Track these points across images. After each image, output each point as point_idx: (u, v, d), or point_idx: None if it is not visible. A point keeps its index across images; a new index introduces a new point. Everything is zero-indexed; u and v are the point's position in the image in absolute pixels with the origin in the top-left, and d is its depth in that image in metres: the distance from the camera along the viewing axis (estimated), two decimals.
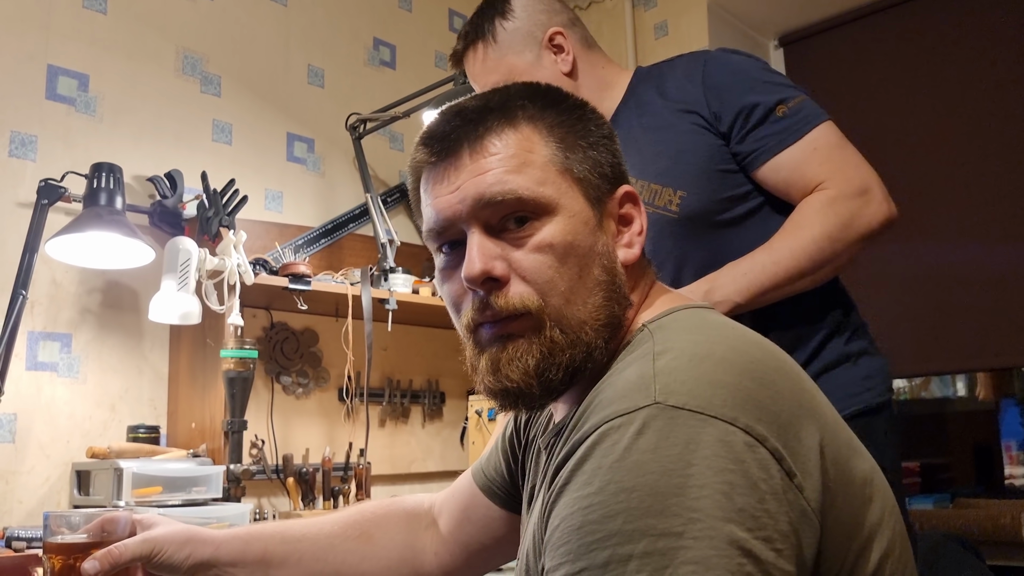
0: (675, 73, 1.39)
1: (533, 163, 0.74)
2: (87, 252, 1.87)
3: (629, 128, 1.42)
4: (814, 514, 0.61)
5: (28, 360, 1.88)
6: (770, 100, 1.30)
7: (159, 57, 2.21)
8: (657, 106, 1.39)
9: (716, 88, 1.33)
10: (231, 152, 2.32)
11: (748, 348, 0.69)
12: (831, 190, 1.25)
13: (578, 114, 0.79)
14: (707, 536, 0.57)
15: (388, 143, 2.73)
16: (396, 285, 2.31)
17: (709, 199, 1.34)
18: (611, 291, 0.74)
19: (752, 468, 0.59)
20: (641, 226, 0.79)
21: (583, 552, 0.59)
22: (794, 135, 1.28)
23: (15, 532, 1.60)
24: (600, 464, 0.61)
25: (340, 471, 2.23)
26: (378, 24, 2.77)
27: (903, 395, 3.18)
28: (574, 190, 0.75)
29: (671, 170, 1.35)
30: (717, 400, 0.61)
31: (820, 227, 1.23)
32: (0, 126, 1.91)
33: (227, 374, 1.91)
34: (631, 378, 0.65)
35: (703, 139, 1.34)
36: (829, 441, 0.65)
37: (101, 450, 1.80)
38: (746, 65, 1.35)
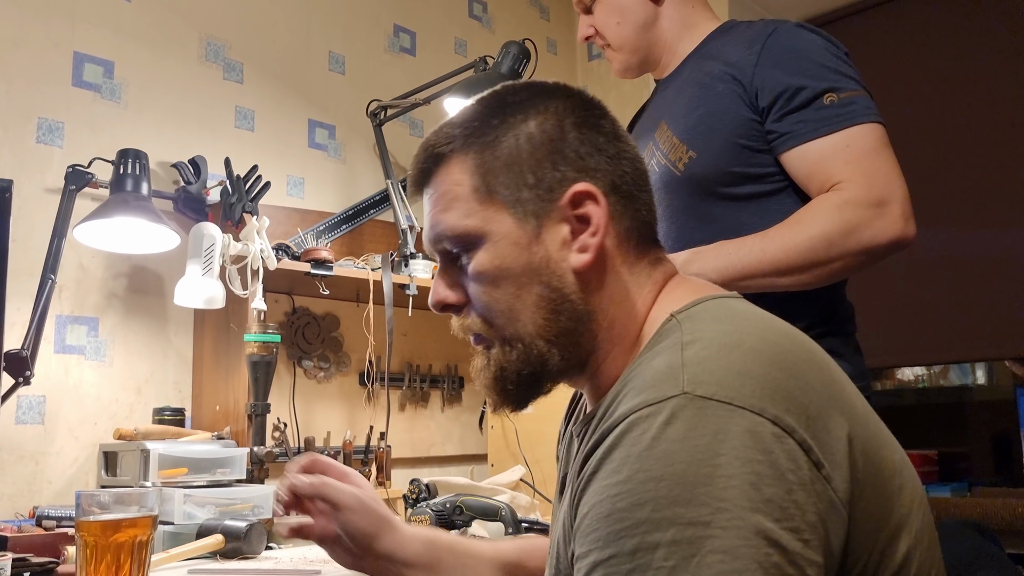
0: (744, 36, 1.35)
1: (459, 196, 0.77)
2: (114, 237, 1.90)
3: (684, 81, 1.41)
4: (842, 505, 0.62)
5: (56, 343, 1.91)
6: (819, 86, 1.24)
7: (183, 44, 2.23)
8: (711, 66, 1.36)
9: (769, 62, 1.28)
10: (253, 138, 2.34)
11: (778, 338, 0.69)
12: (846, 192, 1.19)
13: (501, 131, 0.77)
14: (734, 526, 0.57)
15: (408, 130, 2.74)
16: (416, 271, 2.32)
17: (717, 168, 1.30)
18: (557, 304, 0.75)
19: (780, 459, 0.60)
20: (596, 226, 0.75)
21: (612, 539, 0.60)
22: (831, 126, 1.22)
23: (45, 511, 1.64)
24: (629, 453, 0.62)
25: (361, 454, 2.26)
26: (398, 11, 2.78)
27: (922, 383, 3.17)
28: (500, 214, 0.76)
29: (693, 129, 1.33)
30: (746, 391, 0.62)
31: (821, 227, 1.18)
32: (28, 113, 1.93)
33: (250, 358, 1.93)
34: (660, 368, 0.66)
35: (736, 109, 1.29)
36: (858, 432, 0.66)
37: (128, 432, 1.84)
38: (811, 45, 1.28)
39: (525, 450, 2.23)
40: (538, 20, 3.28)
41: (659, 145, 1.39)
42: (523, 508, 1.99)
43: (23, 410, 1.85)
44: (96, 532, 1.08)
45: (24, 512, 1.76)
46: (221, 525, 1.54)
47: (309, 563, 1.46)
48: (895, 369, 3.13)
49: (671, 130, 1.37)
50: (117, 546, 1.08)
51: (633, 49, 1.47)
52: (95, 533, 1.08)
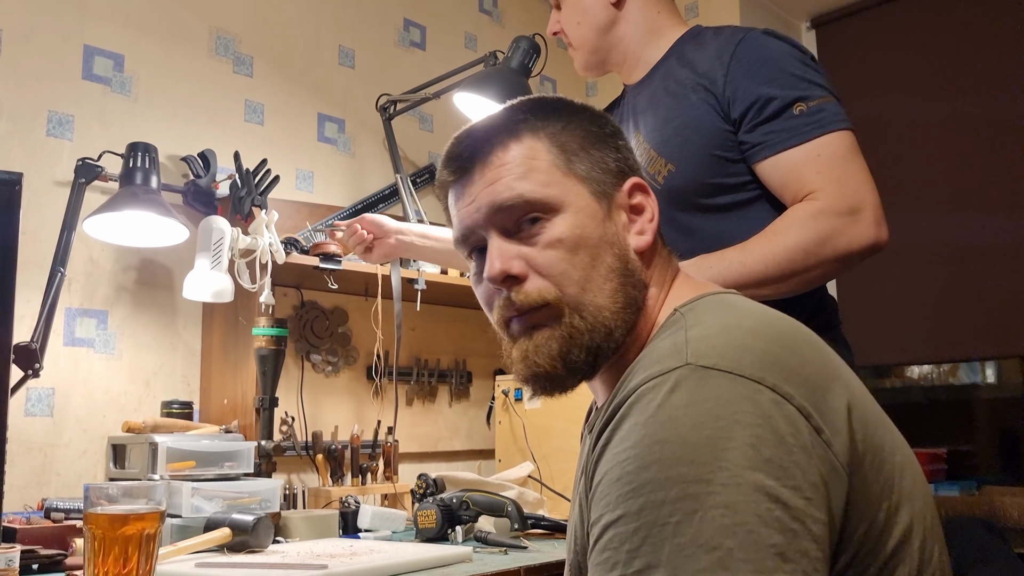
0: (712, 44, 1.37)
1: (537, 168, 0.81)
2: (123, 230, 1.91)
3: (657, 90, 1.43)
4: (843, 468, 0.65)
5: (66, 336, 1.92)
6: (789, 95, 1.26)
7: (193, 37, 2.23)
8: (683, 75, 1.38)
9: (739, 72, 1.30)
10: (263, 132, 2.34)
11: (776, 321, 0.74)
12: (819, 202, 1.21)
13: (578, 118, 0.85)
14: (735, 483, 0.60)
15: (418, 124, 2.74)
16: (425, 265, 2.32)
17: (695, 180, 1.33)
18: (625, 276, 0.80)
19: (779, 423, 0.63)
20: (652, 214, 0.84)
21: (621, 501, 0.64)
22: (802, 136, 1.24)
23: (54, 503, 1.64)
24: (636, 421, 0.66)
25: (368, 448, 2.26)
26: (408, 5, 2.78)
27: (931, 381, 3.16)
28: (579, 188, 0.81)
29: (670, 141, 1.35)
30: (746, 362, 0.66)
31: (796, 238, 1.20)
32: (38, 106, 1.94)
33: (259, 352, 1.94)
34: (665, 346, 0.71)
35: (710, 120, 1.32)
36: (857, 405, 0.69)
37: (137, 425, 1.84)
38: (779, 53, 1.30)
39: (533, 446, 2.23)
40: (548, 14, 3.26)
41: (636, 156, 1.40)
42: (530, 504, 1.99)
43: (32, 402, 1.86)
44: (104, 525, 1.08)
45: (33, 504, 1.77)
46: (229, 519, 1.54)
47: (316, 557, 1.46)
48: (904, 367, 3.12)
49: (648, 142, 1.39)
50: (125, 539, 1.08)
51: (592, 50, 1.51)
52: (103, 526, 1.08)
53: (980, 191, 2.72)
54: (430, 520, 1.76)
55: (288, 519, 1.76)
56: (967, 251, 2.74)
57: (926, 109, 2.85)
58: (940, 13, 2.87)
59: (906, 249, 2.77)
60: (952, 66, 2.82)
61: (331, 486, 2.11)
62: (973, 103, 2.77)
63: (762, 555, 0.59)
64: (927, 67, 2.87)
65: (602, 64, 1.53)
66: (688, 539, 0.59)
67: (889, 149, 2.83)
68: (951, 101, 2.81)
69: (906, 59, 2.93)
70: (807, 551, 0.60)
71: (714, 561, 0.58)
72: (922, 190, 2.78)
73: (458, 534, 1.75)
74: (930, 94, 2.85)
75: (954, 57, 2.82)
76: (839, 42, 3.10)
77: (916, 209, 2.77)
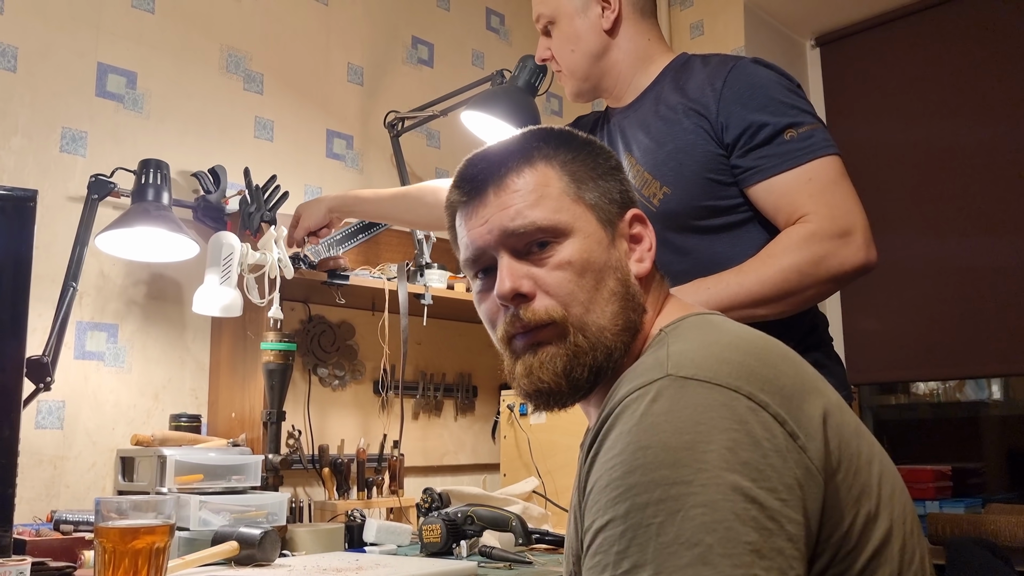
0: (702, 72, 1.41)
1: (549, 195, 0.85)
2: (134, 246, 1.93)
3: (647, 115, 1.46)
4: (818, 472, 0.68)
5: (76, 349, 1.94)
6: (780, 122, 1.31)
7: (204, 55, 2.26)
8: (674, 100, 1.42)
9: (730, 99, 1.34)
10: (272, 148, 2.37)
11: (753, 338, 0.78)
12: (812, 225, 1.26)
13: (587, 150, 0.90)
14: (713, 483, 0.64)
15: (425, 141, 2.77)
16: (432, 280, 2.34)
17: (690, 203, 1.37)
18: (626, 300, 0.84)
19: (755, 428, 0.67)
20: (651, 243, 0.89)
21: (610, 506, 0.67)
22: (794, 161, 1.29)
23: (63, 515, 1.66)
24: (622, 430, 0.70)
25: (374, 462, 2.28)
26: (417, 23, 2.81)
27: (937, 397, 3.16)
28: (587, 215, 0.86)
29: (664, 165, 1.39)
30: (723, 372, 0.70)
31: (791, 259, 1.25)
32: (52, 122, 1.97)
33: (266, 366, 1.95)
34: (648, 362, 0.75)
35: (703, 144, 1.36)
36: (832, 415, 0.73)
37: (145, 438, 1.86)
38: (768, 81, 1.35)
39: (538, 461, 2.24)
40: None
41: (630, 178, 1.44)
42: (535, 519, 2.00)
43: (43, 415, 1.88)
44: (114, 538, 1.10)
45: (42, 516, 1.78)
46: (236, 532, 1.55)
47: (322, 571, 1.47)
48: (910, 383, 3.12)
49: (641, 164, 1.42)
50: (135, 552, 1.10)
51: (584, 76, 1.52)
52: (113, 539, 1.10)
53: (988, 211, 2.73)
54: (435, 535, 1.77)
55: (294, 533, 1.78)
56: (974, 270, 2.74)
57: (932, 128, 2.86)
58: (945, 33, 2.89)
59: (914, 267, 2.78)
60: (957, 86, 2.84)
61: (337, 500, 2.12)
62: (978, 123, 2.78)
63: (739, 551, 0.62)
64: (932, 86, 2.89)
65: (593, 91, 1.55)
66: (671, 537, 0.63)
67: (894, 168, 2.84)
68: (956, 120, 2.82)
69: (911, 78, 2.94)
70: (782, 549, 0.63)
71: (695, 557, 0.62)
72: (928, 209, 2.79)
73: (463, 549, 1.76)
74: (935, 113, 2.87)
75: (959, 77, 2.84)
76: (844, 61, 3.12)
77: (922, 229, 2.78)
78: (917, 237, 2.76)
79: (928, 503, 2.53)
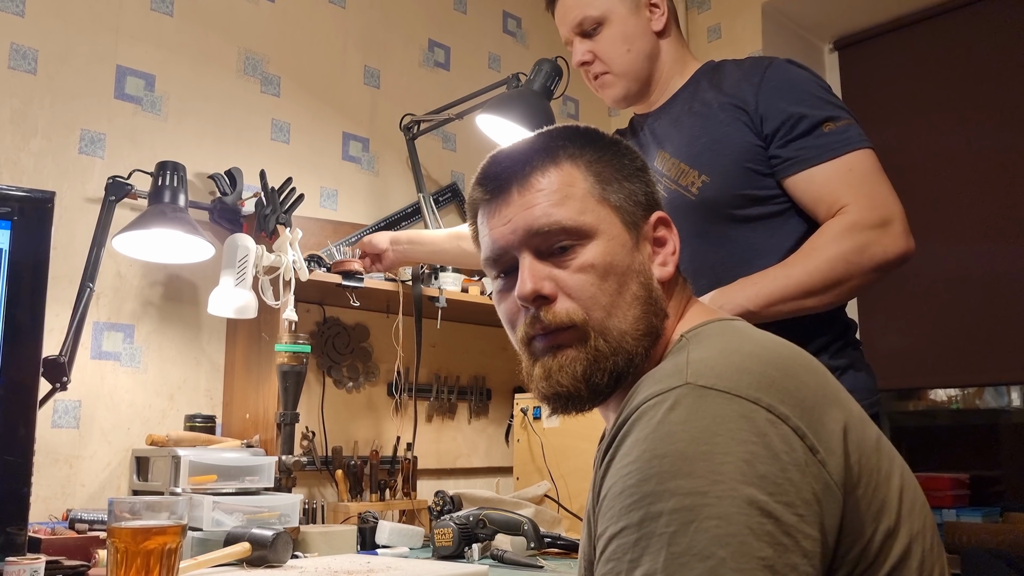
0: (737, 71, 1.45)
1: (574, 195, 0.84)
2: (151, 247, 1.94)
3: (679, 112, 1.50)
4: (837, 487, 0.67)
5: (93, 349, 1.96)
6: (819, 115, 1.34)
7: (222, 58, 2.28)
8: (709, 97, 1.45)
9: (770, 92, 1.38)
10: (288, 151, 2.38)
11: (775, 347, 0.76)
12: (853, 215, 1.28)
13: (613, 150, 0.88)
14: (729, 496, 0.62)
15: (441, 143, 2.77)
16: (446, 283, 2.34)
17: (729, 191, 1.39)
18: (648, 304, 0.83)
19: (774, 441, 0.65)
20: (675, 247, 0.87)
21: (623, 513, 0.66)
22: (833, 152, 1.32)
23: (78, 515, 1.67)
24: (638, 437, 0.69)
25: (387, 464, 2.28)
26: (433, 26, 2.81)
27: (955, 404, 3.13)
28: (612, 217, 0.85)
29: (702, 155, 1.41)
30: (743, 383, 0.68)
31: (836, 249, 1.27)
32: (71, 124, 1.99)
33: (281, 367, 1.96)
34: (667, 368, 0.74)
35: (741, 135, 1.39)
36: (853, 428, 0.71)
37: (160, 438, 1.87)
38: (805, 78, 1.39)
39: (551, 464, 2.23)
40: None
41: (663, 172, 1.46)
42: (547, 523, 2.00)
43: (59, 414, 1.89)
44: (127, 539, 1.11)
45: (58, 515, 1.80)
46: (248, 533, 1.56)
47: (334, 573, 1.48)
48: (928, 390, 3.09)
49: (676, 157, 1.45)
50: (147, 553, 1.11)
51: (636, 77, 1.54)
52: (126, 540, 1.11)
53: (1005, 217, 2.70)
54: (447, 538, 1.78)
55: (307, 534, 1.78)
56: (995, 276, 2.71)
57: (950, 133, 2.84)
58: (964, 37, 2.86)
59: (932, 273, 2.76)
60: (977, 90, 2.81)
61: (350, 501, 2.13)
62: (997, 129, 2.75)
63: (752, 565, 0.61)
64: (950, 91, 2.86)
65: (639, 94, 1.57)
66: (683, 548, 0.62)
67: (913, 173, 2.82)
68: (975, 126, 2.80)
69: (929, 83, 2.92)
70: (796, 565, 0.62)
71: (706, 570, 0.61)
72: (947, 215, 2.77)
73: (475, 552, 1.76)
74: (954, 118, 2.84)
75: (978, 81, 2.81)
76: (862, 65, 3.10)
77: (941, 234, 2.75)
78: (935, 243, 2.74)
79: (945, 511, 2.51)
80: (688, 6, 3.14)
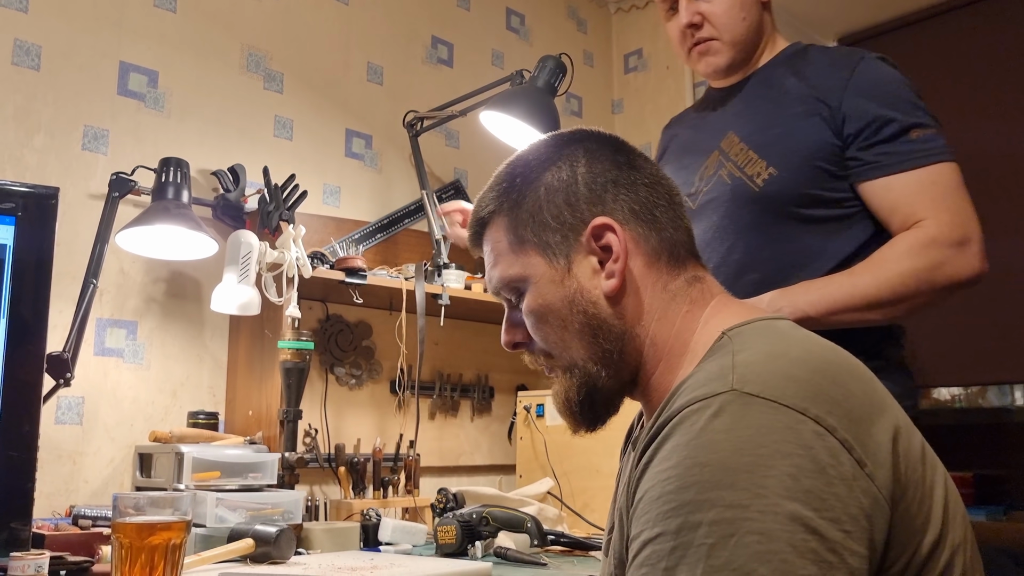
0: (824, 60, 1.38)
1: (501, 252, 0.87)
2: (154, 243, 1.94)
3: (755, 94, 1.43)
4: (886, 501, 0.65)
5: (96, 346, 1.96)
6: (907, 120, 1.28)
7: (225, 54, 2.27)
8: (790, 84, 1.38)
9: (858, 91, 1.31)
10: (292, 147, 2.38)
11: (822, 352, 0.74)
12: (931, 230, 1.24)
13: (519, 182, 0.87)
14: (771, 511, 0.61)
15: (444, 140, 2.77)
16: (449, 281, 2.34)
17: (796, 188, 1.32)
18: (595, 331, 0.83)
19: (820, 454, 0.63)
20: (617, 253, 0.82)
21: (660, 519, 0.65)
22: (917, 161, 1.27)
23: (81, 511, 1.67)
24: (679, 442, 0.67)
25: (390, 462, 2.28)
26: (436, 22, 2.81)
27: (959, 403, 3.12)
28: (533, 256, 0.85)
29: (773, 146, 1.35)
30: (789, 391, 0.66)
31: (909, 263, 1.23)
32: (74, 120, 1.98)
33: (284, 364, 1.96)
34: (711, 369, 0.71)
35: (817, 131, 1.32)
36: (902, 436, 0.69)
37: (163, 434, 1.87)
38: (897, 80, 1.34)
39: (554, 462, 2.23)
40: (575, 33, 3.29)
41: (729, 156, 1.39)
42: (550, 520, 2.00)
43: (63, 411, 1.89)
44: (131, 534, 1.10)
45: (61, 511, 1.80)
46: (252, 529, 1.56)
47: (337, 570, 1.47)
48: (932, 388, 3.09)
49: (745, 143, 1.37)
50: (151, 548, 1.10)
51: (744, 48, 1.46)
52: (130, 535, 1.10)
53: (1009, 215, 2.70)
54: (450, 535, 1.77)
55: (310, 531, 1.78)
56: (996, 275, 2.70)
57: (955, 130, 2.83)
58: (968, 34, 2.86)
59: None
60: (983, 87, 2.81)
61: (353, 499, 2.13)
62: (1004, 125, 2.74)
63: None
64: (957, 88, 2.86)
65: (742, 64, 1.48)
66: (722, 562, 0.60)
67: None
68: (981, 123, 2.79)
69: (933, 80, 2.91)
70: None
71: None
72: None
73: (477, 549, 1.76)
74: (961, 115, 2.83)
75: (985, 78, 2.81)
76: None
77: None
78: None
79: None
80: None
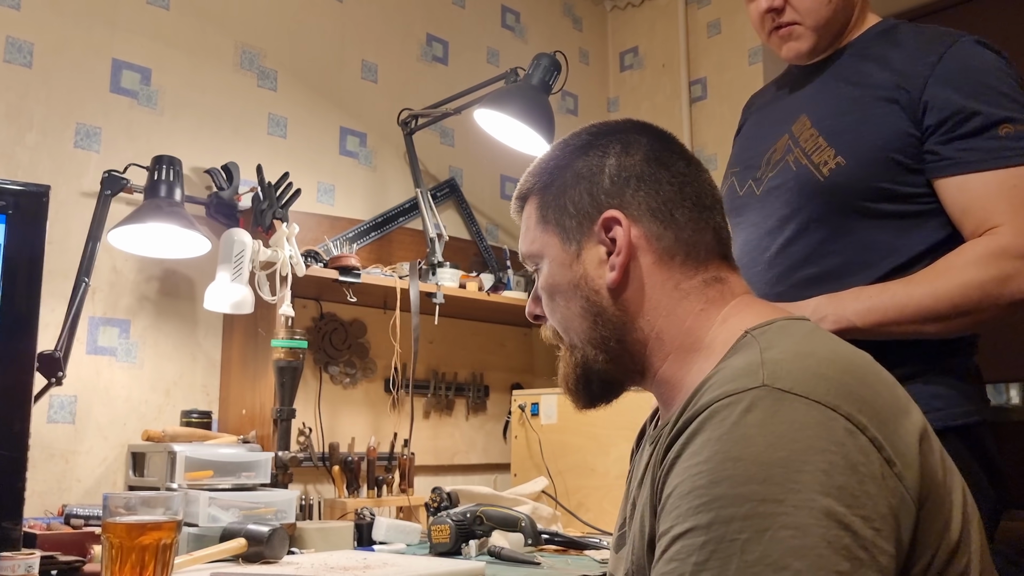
0: (913, 41, 1.27)
1: (530, 227, 0.91)
2: (147, 242, 1.94)
3: (833, 76, 1.34)
4: (912, 501, 0.65)
5: (88, 344, 1.95)
6: (996, 114, 1.17)
7: (218, 52, 2.26)
8: (870, 68, 1.29)
9: (943, 78, 1.20)
10: (286, 145, 2.37)
11: (848, 353, 0.74)
12: (1003, 239, 1.12)
13: (553, 164, 0.90)
14: (806, 506, 0.61)
15: (439, 138, 2.76)
16: (444, 279, 2.34)
17: (865, 180, 1.23)
18: (596, 316, 0.85)
19: (852, 452, 0.63)
20: (620, 248, 0.83)
21: (691, 513, 0.64)
22: (1000, 161, 1.15)
23: (74, 510, 1.66)
24: (710, 436, 0.66)
25: (384, 461, 2.27)
26: (431, 20, 2.80)
27: None
28: (551, 238, 0.88)
29: (844, 133, 1.25)
30: (820, 389, 0.66)
31: (975, 274, 1.12)
32: (66, 118, 1.98)
33: (277, 363, 1.95)
34: (740, 365, 0.71)
35: (894, 121, 1.22)
36: (927, 440, 0.70)
37: (156, 433, 1.86)
38: (990, 67, 1.21)
39: (548, 461, 2.23)
40: (571, 30, 3.28)
41: (799, 142, 1.31)
42: (544, 519, 2.00)
43: (55, 409, 1.88)
44: (122, 534, 1.10)
45: (53, 510, 1.79)
46: (244, 529, 1.55)
47: (330, 569, 1.47)
48: None
49: (816, 128, 1.29)
50: (142, 548, 1.10)
51: (829, 32, 1.36)
52: (120, 535, 1.10)
53: None
54: (444, 535, 1.77)
55: (303, 530, 1.78)
56: None
57: None
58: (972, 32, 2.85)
59: None
60: None
61: (347, 498, 2.12)
62: None
63: None
64: None
65: (825, 50, 1.37)
66: (756, 557, 0.60)
67: None
68: None
69: None
70: None
71: None
72: None
73: (471, 549, 1.75)
74: None
75: None
76: None
77: None
78: None
79: None
80: (688, 1, 3.13)
